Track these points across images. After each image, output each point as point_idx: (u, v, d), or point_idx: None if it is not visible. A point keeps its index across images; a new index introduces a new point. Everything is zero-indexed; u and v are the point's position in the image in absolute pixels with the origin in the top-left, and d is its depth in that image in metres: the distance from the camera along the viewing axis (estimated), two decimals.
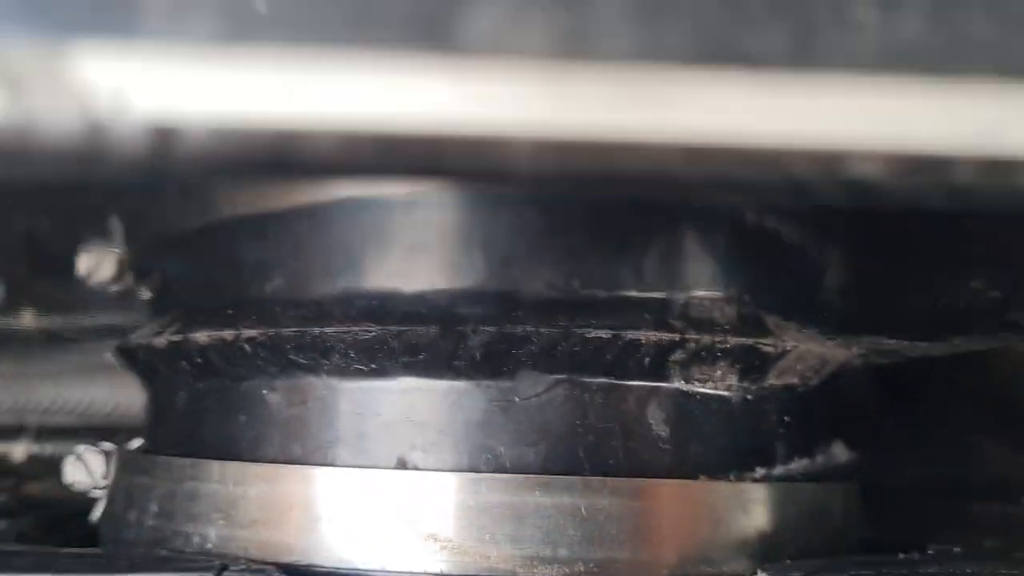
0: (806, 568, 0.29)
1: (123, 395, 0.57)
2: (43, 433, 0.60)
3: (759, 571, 0.29)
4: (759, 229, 0.35)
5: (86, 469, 0.43)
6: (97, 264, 0.41)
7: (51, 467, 0.59)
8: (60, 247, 0.40)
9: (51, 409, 0.61)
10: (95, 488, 0.42)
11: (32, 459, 0.59)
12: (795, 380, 0.35)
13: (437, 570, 0.29)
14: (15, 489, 0.58)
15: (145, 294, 0.41)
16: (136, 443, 0.41)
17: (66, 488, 0.43)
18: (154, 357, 0.35)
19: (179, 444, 0.34)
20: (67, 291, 0.46)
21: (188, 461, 0.33)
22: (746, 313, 0.34)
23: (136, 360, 0.37)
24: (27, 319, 0.55)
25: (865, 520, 0.38)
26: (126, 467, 0.36)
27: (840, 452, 0.39)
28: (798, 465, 0.35)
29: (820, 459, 0.37)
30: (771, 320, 0.34)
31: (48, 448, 0.59)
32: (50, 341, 0.57)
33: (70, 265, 0.41)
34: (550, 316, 0.30)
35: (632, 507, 0.30)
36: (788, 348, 0.34)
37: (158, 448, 0.36)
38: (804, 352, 0.34)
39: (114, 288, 0.42)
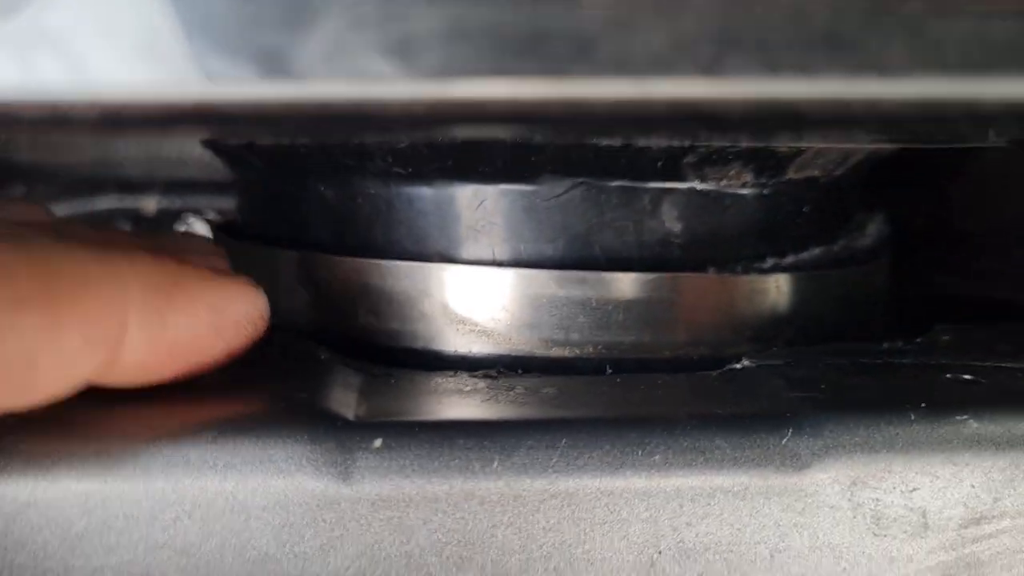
0: (786, 355, 0.33)
1: None
2: (171, 186, 0.67)
3: (744, 359, 0.33)
4: None
5: None
6: None
7: (177, 220, 0.66)
8: None
9: (178, 162, 0.67)
10: None
11: (162, 212, 0.67)
12: (816, 173, 0.37)
13: (466, 350, 0.34)
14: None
15: None
16: (235, 214, 0.47)
17: None
18: (232, 152, 0.40)
19: (257, 229, 0.40)
20: None
21: (264, 248, 0.38)
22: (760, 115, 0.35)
23: (218, 150, 0.42)
24: None
25: (890, 302, 0.41)
26: (223, 242, 0.42)
27: (868, 232, 0.41)
28: (812, 253, 0.37)
29: (840, 244, 0.39)
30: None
31: (177, 202, 0.66)
32: None
33: None
34: (562, 128, 0.33)
35: (636, 298, 0.34)
36: (804, 147, 0.35)
37: (244, 228, 0.42)
38: (824, 149, 0.36)
39: None
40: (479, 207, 0.34)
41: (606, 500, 0.26)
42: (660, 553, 0.26)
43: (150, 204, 0.67)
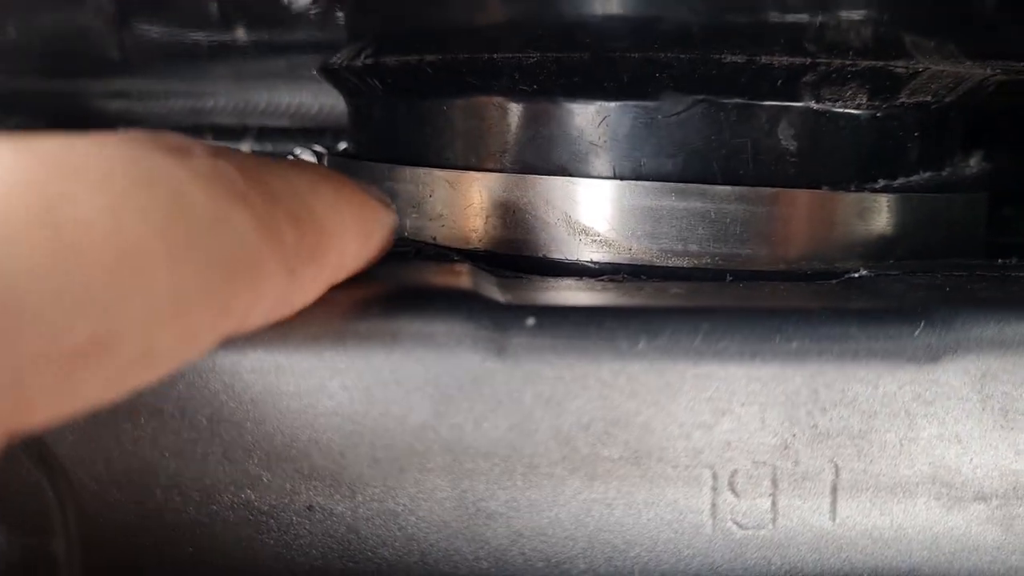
0: (903, 267, 0.34)
1: (326, 99, 0.64)
2: (263, 133, 0.69)
3: (862, 269, 0.34)
4: None
5: None
6: None
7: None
8: None
9: (267, 111, 0.69)
10: None
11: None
12: (928, 98, 0.38)
13: (588, 259, 0.35)
14: None
15: (339, 15, 0.47)
16: (342, 146, 0.49)
17: None
18: (352, 77, 0.41)
19: (377, 150, 0.41)
20: (274, 10, 0.52)
21: (386, 166, 0.39)
22: (883, 33, 0.36)
23: (337, 78, 0.43)
24: (240, 33, 0.63)
25: (994, 229, 0.42)
26: (336, 168, 0.44)
27: (971, 164, 0.42)
28: (921, 177, 0.38)
29: (947, 171, 0.40)
30: (909, 39, 0.36)
31: (268, 147, 0.69)
32: (261, 53, 0.64)
33: None
34: (690, 43, 0.34)
35: (755, 211, 0.35)
36: (920, 69, 0.36)
37: (361, 153, 0.43)
38: (937, 72, 0.37)
39: (313, 10, 0.48)
40: (602, 123, 0.35)
41: (745, 383, 0.27)
42: (794, 436, 0.27)
43: (244, 148, 0.70)
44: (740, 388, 0.27)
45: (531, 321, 0.27)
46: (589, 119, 0.36)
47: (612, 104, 0.35)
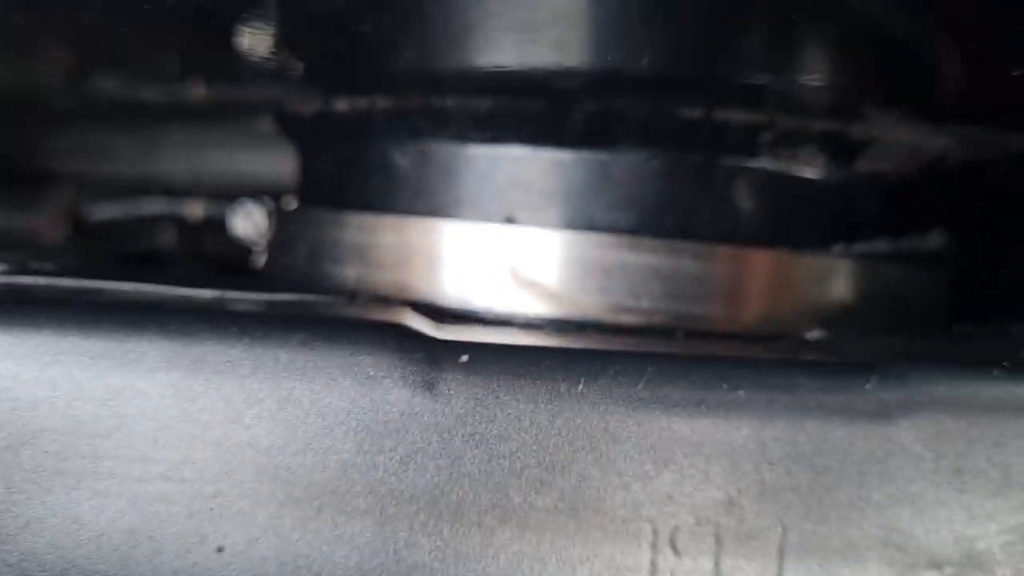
0: (856, 333, 0.33)
1: (284, 167, 0.64)
2: (218, 196, 0.68)
3: (817, 333, 0.33)
4: (864, 16, 0.36)
5: (252, 223, 0.50)
6: (257, 41, 0.46)
7: (225, 226, 0.67)
8: (224, 23, 0.46)
9: (223, 177, 0.68)
10: (259, 239, 0.49)
11: (209, 219, 0.68)
12: (886, 167, 0.37)
13: (535, 312, 0.34)
14: (195, 244, 0.68)
15: (297, 68, 0.46)
16: (292, 201, 0.48)
17: (236, 243, 0.50)
18: (303, 123, 0.40)
19: (324, 199, 0.40)
20: (232, 65, 0.52)
21: (331, 214, 0.38)
22: (841, 99, 0.36)
23: (289, 126, 0.42)
24: (198, 91, 0.62)
25: (953, 306, 0.41)
26: (282, 220, 0.42)
27: (930, 239, 0.41)
28: (879, 247, 0.38)
29: (905, 243, 0.39)
30: (868, 107, 0.36)
31: (223, 210, 0.68)
32: (219, 114, 0.63)
33: (232, 42, 0.47)
34: (647, 94, 0.33)
35: (708, 270, 0.34)
36: (877, 135, 0.36)
37: (307, 203, 0.42)
38: (895, 140, 0.36)
39: (272, 62, 0.47)
40: (555, 172, 0.35)
41: (689, 433, 0.26)
42: (740, 492, 0.26)
43: (196, 209, 0.68)
44: (683, 438, 0.26)
45: (465, 358, 0.25)
46: (541, 168, 0.35)
47: (565, 154, 0.35)
